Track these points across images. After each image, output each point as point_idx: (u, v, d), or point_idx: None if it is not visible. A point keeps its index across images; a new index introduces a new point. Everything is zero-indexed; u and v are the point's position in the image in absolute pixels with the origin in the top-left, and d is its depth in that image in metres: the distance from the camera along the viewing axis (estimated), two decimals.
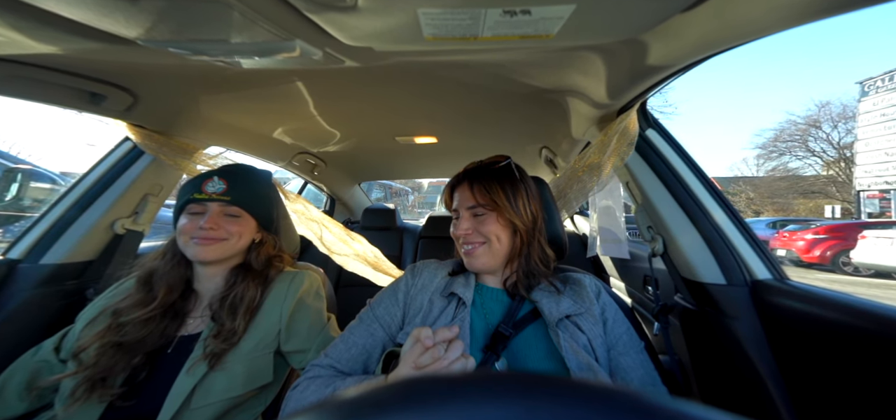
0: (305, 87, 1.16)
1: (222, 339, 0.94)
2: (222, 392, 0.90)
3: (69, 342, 0.97)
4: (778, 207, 24.15)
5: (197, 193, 1.02)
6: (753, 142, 30.54)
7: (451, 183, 1.03)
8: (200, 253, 1.01)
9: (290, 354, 1.04)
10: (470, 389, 0.24)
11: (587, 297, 0.92)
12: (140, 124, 1.32)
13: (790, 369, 0.92)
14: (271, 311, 1.04)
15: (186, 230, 1.01)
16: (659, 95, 17.61)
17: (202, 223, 1.00)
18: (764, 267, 1.05)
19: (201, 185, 1.03)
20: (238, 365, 0.94)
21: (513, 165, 1.00)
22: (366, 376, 0.84)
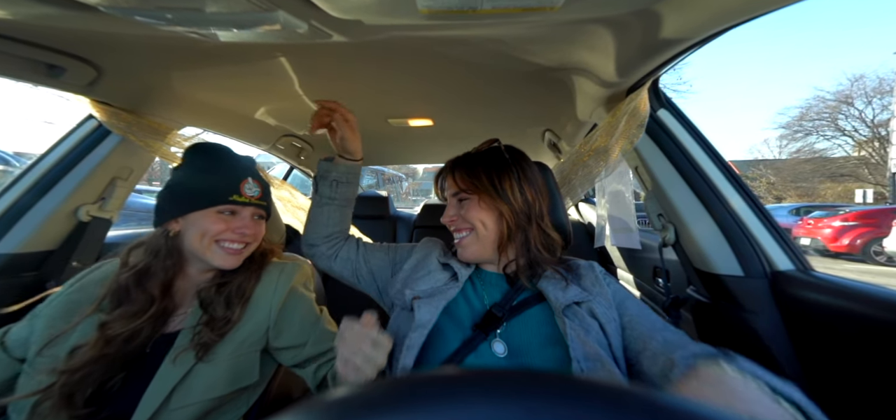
0: (290, 63, 1.16)
1: (214, 328, 0.94)
2: (204, 391, 0.90)
3: (21, 338, 0.93)
4: (802, 192, 24.12)
5: (237, 195, 0.99)
6: (776, 121, 30.50)
7: (439, 172, 1.10)
8: (230, 261, 1.00)
9: (280, 351, 1.04)
10: (465, 389, 0.25)
11: (597, 281, 0.94)
12: (105, 101, 1.30)
13: (814, 367, 0.92)
14: (261, 304, 1.04)
15: (215, 233, 0.97)
16: (672, 72, 17.48)
17: (238, 227, 0.99)
18: (785, 257, 1.05)
19: (239, 187, 1.00)
20: (224, 361, 0.94)
21: (501, 148, 1.04)
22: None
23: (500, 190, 0.97)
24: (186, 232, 0.98)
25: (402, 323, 0.94)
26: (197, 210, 0.97)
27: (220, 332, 0.95)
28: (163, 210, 0.99)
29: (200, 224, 0.97)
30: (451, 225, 1.02)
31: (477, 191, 0.98)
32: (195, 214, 0.97)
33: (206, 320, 0.96)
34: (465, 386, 0.25)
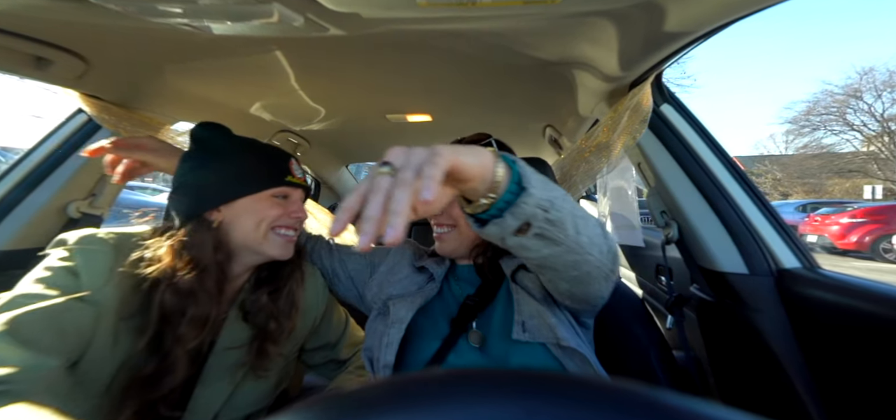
0: (286, 57, 1.16)
1: (277, 342, 0.88)
2: (252, 405, 0.85)
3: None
4: (809, 189, 24.16)
5: (289, 176, 0.94)
6: (782, 116, 30.49)
7: None
8: (288, 250, 0.93)
9: (311, 351, 1.02)
10: (464, 389, 0.25)
11: None
12: (95, 95, 1.29)
13: (820, 366, 0.92)
14: (310, 306, 1.00)
15: (273, 219, 0.90)
16: (676, 66, 17.50)
17: (293, 211, 0.93)
18: (791, 254, 1.05)
19: (290, 167, 0.95)
20: (274, 373, 0.89)
21: (492, 142, 1.05)
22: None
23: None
24: (235, 221, 0.88)
25: (379, 323, 0.96)
26: (249, 195, 0.89)
27: (280, 346, 0.89)
28: (202, 197, 0.88)
29: (255, 210, 0.89)
30: (431, 218, 1.02)
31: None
32: (246, 200, 0.89)
33: (262, 334, 0.89)
34: (465, 385, 0.25)
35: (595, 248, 0.68)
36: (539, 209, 0.58)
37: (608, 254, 0.72)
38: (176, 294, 0.80)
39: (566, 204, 0.62)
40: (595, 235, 0.68)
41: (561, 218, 0.61)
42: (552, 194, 0.60)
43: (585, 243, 0.66)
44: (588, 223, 0.66)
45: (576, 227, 0.63)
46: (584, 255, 0.67)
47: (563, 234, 0.62)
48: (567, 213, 0.62)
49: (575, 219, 0.63)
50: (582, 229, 0.65)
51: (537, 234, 0.61)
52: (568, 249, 0.65)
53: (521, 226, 0.58)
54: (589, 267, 0.70)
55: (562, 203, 0.61)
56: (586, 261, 0.69)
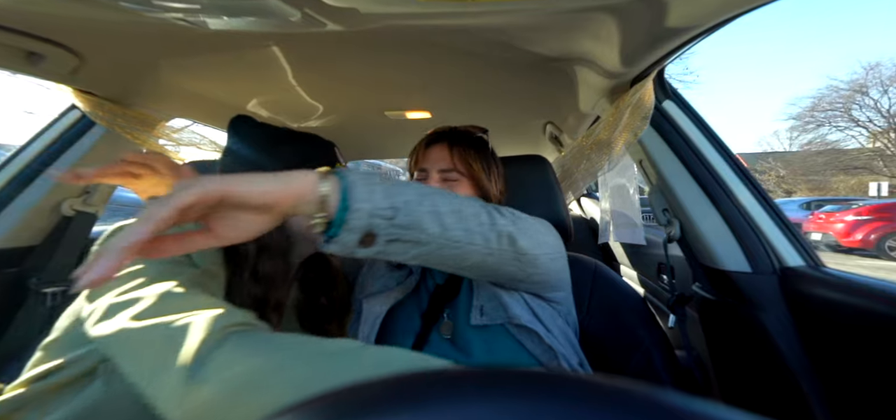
0: (283, 53, 1.16)
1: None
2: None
3: None
4: (813, 186, 24.16)
5: (338, 163, 0.95)
6: (787, 112, 30.56)
7: (427, 139, 1.08)
8: None
9: None
10: (465, 388, 0.25)
11: None
12: (89, 90, 1.29)
13: (824, 366, 0.92)
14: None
15: None
16: (678, 62, 17.47)
17: None
18: (795, 253, 1.05)
19: (335, 154, 0.96)
20: None
21: (488, 141, 1.08)
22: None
23: (488, 179, 1.02)
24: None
25: (354, 325, 0.98)
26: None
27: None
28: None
29: None
30: None
31: (468, 174, 1.01)
32: None
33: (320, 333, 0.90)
34: (470, 385, 0.25)
35: (477, 237, 0.68)
36: (379, 219, 0.57)
37: (499, 238, 0.71)
38: (257, 281, 0.81)
39: (422, 205, 0.62)
40: (475, 226, 0.68)
41: (415, 220, 0.60)
42: (398, 200, 0.59)
43: (461, 236, 0.66)
44: (462, 216, 0.66)
45: (441, 224, 0.63)
46: (465, 247, 0.67)
47: (424, 234, 0.62)
48: (424, 213, 0.62)
49: (439, 217, 0.63)
50: (452, 224, 0.65)
51: (391, 241, 0.60)
52: (440, 246, 0.64)
53: (362, 238, 0.57)
54: (478, 257, 0.70)
55: (416, 206, 0.61)
56: (471, 252, 0.68)
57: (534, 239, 0.79)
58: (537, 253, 0.79)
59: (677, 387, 1.00)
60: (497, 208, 0.75)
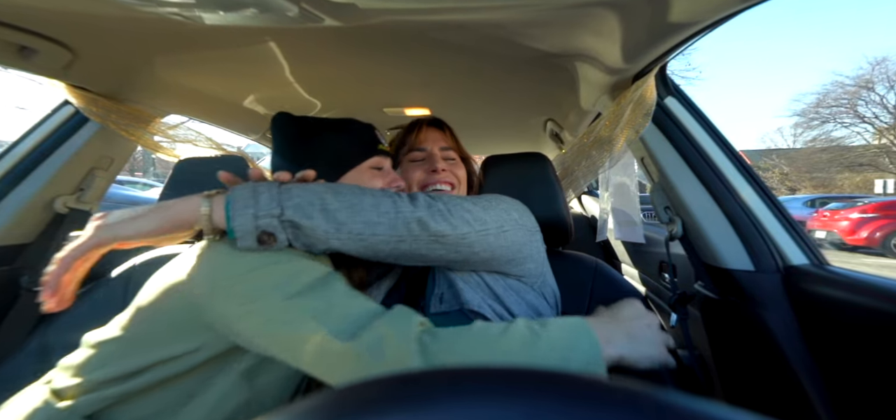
0: (280, 49, 1.16)
1: None
2: None
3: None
4: (818, 183, 24.10)
5: (380, 145, 0.96)
6: (791, 108, 30.40)
7: (417, 124, 1.13)
8: None
9: None
10: (465, 388, 0.25)
11: None
12: (82, 86, 1.28)
13: (828, 366, 0.92)
14: None
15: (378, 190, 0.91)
16: (680, 57, 17.40)
17: (392, 181, 0.96)
18: (799, 251, 1.05)
19: (376, 136, 0.97)
20: None
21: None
22: None
23: (468, 158, 1.14)
24: None
25: None
26: (353, 168, 0.92)
27: None
28: (321, 175, 0.88)
29: (361, 183, 0.89)
30: (440, 174, 1.05)
31: (460, 152, 1.12)
32: (350, 175, 0.92)
33: None
34: (471, 384, 0.25)
35: (380, 227, 0.73)
36: (268, 219, 0.67)
37: (407, 225, 0.75)
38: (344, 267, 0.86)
39: (313, 205, 0.70)
40: (374, 217, 0.73)
41: (304, 218, 0.69)
42: (288, 202, 0.68)
43: (361, 229, 0.72)
44: (358, 209, 0.72)
45: (334, 220, 0.70)
46: (369, 238, 0.73)
47: (319, 229, 0.69)
48: (315, 211, 0.69)
49: (330, 213, 0.70)
50: (346, 218, 0.71)
51: (295, 237, 0.69)
52: (346, 239, 0.71)
53: (259, 237, 0.67)
54: (387, 246, 0.75)
55: (306, 206, 0.69)
56: (377, 242, 0.74)
57: (457, 219, 0.79)
58: (464, 231, 0.80)
59: (679, 386, 1.00)
60: (413, 197, 0.79)
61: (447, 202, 0.80)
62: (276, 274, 0.69)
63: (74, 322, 1.22)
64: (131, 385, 0.71)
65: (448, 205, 0.80)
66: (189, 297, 0.70)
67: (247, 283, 0.68)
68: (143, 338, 0.73)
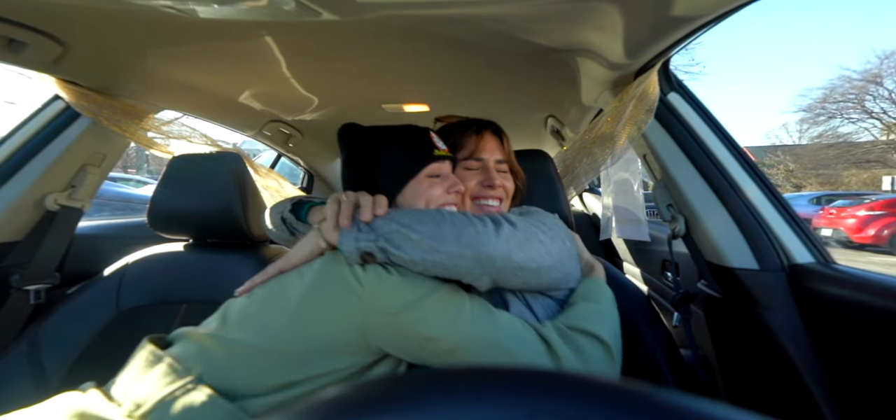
0: (276, 44, 1.16)
1: None
2: None
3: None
4: (824, 180, 24.04)
5: (437, 150, 0.95)
6: (796, 104, 30.19)
7: (476, 126, 1.10)
8: None
9: None
10: (461, 388, 0.25)
11: None
12: (73, 80, 1.28)
13: (834, 366, 0.92)
14: None
15: (436, 197, 0.94)
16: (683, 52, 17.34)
17: (452, 185, 0.96)
18: (804, 249, 1.05)
19: (433, 141, 0.96)
20: None
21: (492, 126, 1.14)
22: None
23: (517, 172, 1.11)
24: (407, 207, 0.92)
25: None
26: (412, 179, 0.94)
27: None
28: (386, 189, 0.92)
29: (420, 192, 0.93)
30: (494, 189, 1.05)
31: (512, 169, 1.10)
32: (411, 185, 0.94)
33: None
34: (468, 383, 0.25)
35: (464, 262, 0.78)
36: (366, 243, 0.77)
37: (491, 259, 0.79)
38: None
39: (400, 235, 0.77)
40: (455, 250, 0.77)
41: (396, 252, 0.77)
42: (382, 230, 0.78)
43: (445, 259, 0.77)
44: (441, 239, 0.77)
45: (420, 248, 0.77)
46: (454, 268, 0.78)
47: (408, 257, 0.77)
48: (403, 239, 0.77)
49: (416, 243, 0.77)
50: (430, 249, 0.77)
51: (390, 257, 0.78)
52: (434, 266, 0.78)
53: (362, 257, 0.78)
54: (475, 273, 0.80)
55: (396, 236, 0.77)
56: (465, 270, 0.79)
57: (534, 251, 0.82)
58: (540, 264, 0.84)
59: (681, 387, 1.00)
60: (496, 224, 0.81)
61: (524, 231, 0.83)
62: (446, 304, 0.79)
63: (65, 321, 1.22)
64: (292, 392, 0.77)
65: (526, 234, 0.83)
66: (358, 322, 0.78)
67: (425, 311, 0.78)
68: (299, 355, 0.78)
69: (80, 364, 1.19)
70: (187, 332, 0.83)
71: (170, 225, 1.37)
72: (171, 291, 1.31)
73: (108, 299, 1.26)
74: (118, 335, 1.25)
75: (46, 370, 1.16)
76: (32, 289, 1.33)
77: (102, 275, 1.32)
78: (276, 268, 0.85)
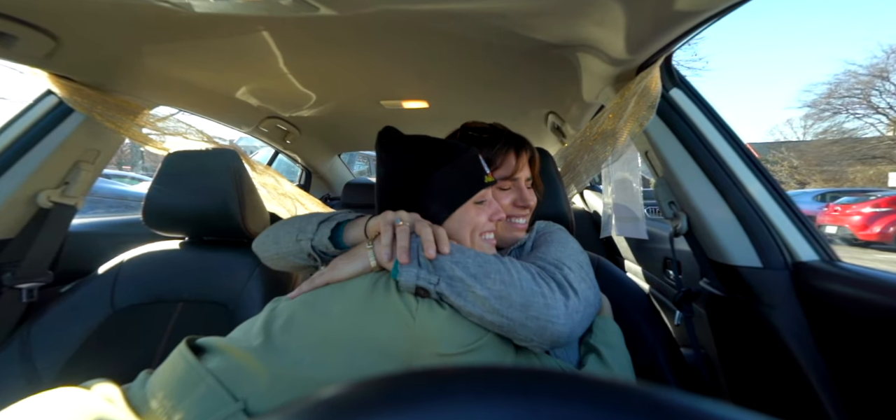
0: (273, 39, 1.15)
1: None
2: None
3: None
4: (828, 177, 24.01)
5: (487, 176, 0.93)
6: (801, 99, 30.00)
7: (515, 145, 1.06)
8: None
9: None
10: (463, 387, 0.25)
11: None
12: (66, 75, 1.27)
13: (839, 365, 0.92)
14: None
15: (481, 225, 0.91)
16: (686, 47, 17.36)
17: (494, 214, 0.93)
18: (808, 246, 1.05)
19: (482, 166, 0.93)
20: None
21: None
22: None
23: (539, 188, 1.11)
24: (452, 234, 0.89)
25: None
26: (461, 205, 0.90)
27: None
28: (434, 214, 0.89)
29: (466, 221, 0.90)
30: (525, 210, 1.05)
31: (536, 179, 1.10)
32: (458, 212, 0.90)
33: None
34: (466, 383, 0.26)
35: (527, 331, 0.76)
36: (424, 282, 0.74)
37: (534, 333, 0.77)
38: None
39: (462, 284, 0.75)
40: (520, 318, 0.76)
41: (457, 301, 0.74)
42: (444, 274, 0.75)
43: (503, 322, 0.75)
44: (508, 302, 0.75)
45: (483, 307, 0.74)
46: (510, 330, 0.76)
47: (466, 309, 0.74)
48: (465, 288, 0.74)
49: (484, 300, 0.74)
50: (491, 308, 0.74)
51: (442, 297, 0.75)
52: (491, 326, 0.76)
53: (416, 290, 0.74)
54: (515, 336, 0.78)
55: (458, 284, 0.74)
56: (519, 335, 0.77)
57: (582, 304, 0.81)
58: (584, 314, 0.82)
59: (683, 386, 1.01)
60: (563, 290, 0.79)
61: (584, 297, 0.82)
62: (494, 350, 0.78)
63: (58, 320, 1.22)
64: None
65: (587, 301, 0.82)
66: (404, 356, 0.73)
67: (475, 357, 0.76)
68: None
69: (74, 364, 1.19)
70: (225, 346, 0.78)
71: (165, 222, 1.36)
72: (166, 290, 1.30)
73: (102, 298, 1.26)
74: (113, 334, 1.24)
75: (39, 370, 1.16)
76: (25, 287, 1.32)
77: (97, 273, 1.32)
78: (323, 279, 0.81)
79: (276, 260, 0.96)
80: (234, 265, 1.32)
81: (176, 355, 0.77)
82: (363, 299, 0.76)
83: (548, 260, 0.86)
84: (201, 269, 1.34)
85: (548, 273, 0.81)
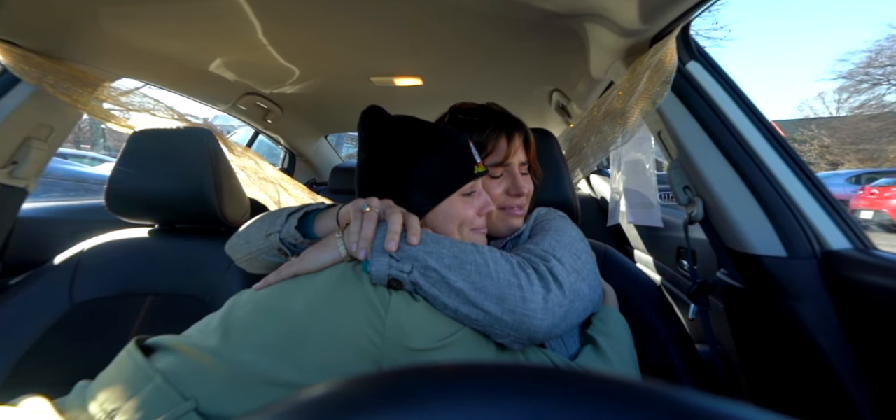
0: (251, 6, 1.14)
1: None
2: None
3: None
4: (865, 156, 23.73)
5: (477, 166, 0.93)
6: (836, 70, 29.51)
7: (506, 128, 1.07)
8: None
9: None
10: (462, 386, 0.26)
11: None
12: (10, 40, 1.22)
13: (874, 364, 0.92)
14: None
15: (469, 218, 0.93)
16: (706, 15, 17.09)
17: (482, 207, 0.95)
18: (840, 233, 1.04)
19: (473, 155, 0.93)
20: None
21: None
22: None
23: (536, 171, 1.12)
24: (439, 228, 0.90)
25: None
26: (448, 197, 0.91)
27: None
28: (417, 205, 0.90)
29: (452, 215, 0.91)
30: (520, 198, 1.05)
31: (533, 162, 1.10)
32: (444, 204, 0.91)
33: None
34: (465, 382, 0.26)
35: (501, 326, 0.78)
36: (397, 272, 0.75)
37: (510, 328, 0.78)
38: None
39: (436, 275, 0.76)
40: (496, 310, 0.77)
41: (431, 290, 0.76)
42: (418, 265, 0.75)
43: (479, 316, 0.77)
44: (484, 292, 0.76)
45: (457, 298, 0.76)
46: (487, 326, 0.78)
47: (440, 301, 0.76)
48: (438, 280, 0.75)
49: (459, 292, 0.76)
50: (466, 299, 0.76)
51: (418, 289, 0.76)
52: (466, 318, 0.77)
53: (389, 283, 0.75)
54: (491, 331, 0.80)
55: (432, 275, 0.75)
56: (496, 331, 0.79)
57: (568, 298, 0.81)
58: (573, 309, 0.83)
59: (698, 385, 1.01)
60: (543, 281, 0.80)
61: (571, 289, 0.82)
62: (470, 345, 0.79)
63: (7, 316, 1.20)
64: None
65: (574, 293, 0.83)
66: (374, 352, 0.74)
67: (449, 353, 0.76)
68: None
69: (25, 365, 1.17)
70: (176, 344, 0.77)
71: (132, 208, 1.35)
72: (134, 282, 1.30)
73: (58, 291, 1.25)
74: (72, 332, 1.23)
75: None
76: None
77: (52, 263, 1.30)
78: (291, 270, 0.81)
79: (250, 261, 0.96)
80: (211, 255, 1.32)
81: (123, 356, 0.77)
82: (330, 291, 0.76)
83: (535, 251, 0.86)
84: (174, 259, 1.33)
85: (531, 264, 0.82)
